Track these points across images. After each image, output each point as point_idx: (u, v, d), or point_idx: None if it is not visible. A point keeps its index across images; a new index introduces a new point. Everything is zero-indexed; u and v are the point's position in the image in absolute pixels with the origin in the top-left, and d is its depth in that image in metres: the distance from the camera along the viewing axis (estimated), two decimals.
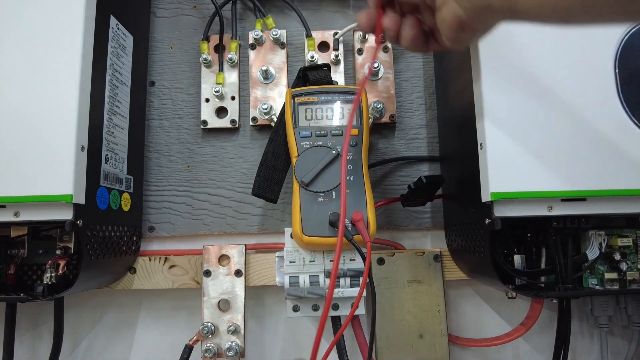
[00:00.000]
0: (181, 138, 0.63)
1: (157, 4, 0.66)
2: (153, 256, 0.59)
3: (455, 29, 0.33)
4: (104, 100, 0.50)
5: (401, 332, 0.55)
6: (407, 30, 0.38)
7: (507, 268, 0.48)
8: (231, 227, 0.61)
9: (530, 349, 0.61)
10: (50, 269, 0.48)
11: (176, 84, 0.64)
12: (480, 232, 0.46)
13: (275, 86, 0.62)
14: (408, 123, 0.63)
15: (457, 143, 0.54)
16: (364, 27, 0.41)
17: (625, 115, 0.43)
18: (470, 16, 0.32)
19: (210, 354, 0.54)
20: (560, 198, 0.43)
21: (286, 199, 0.60)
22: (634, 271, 0.47)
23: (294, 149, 0.49)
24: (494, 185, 0.42)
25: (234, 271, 0.57)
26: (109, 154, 0.51)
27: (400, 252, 0.58)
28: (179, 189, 0.62)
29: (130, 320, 0.62)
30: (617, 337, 0.60)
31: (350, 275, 0.49)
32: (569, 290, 0.46)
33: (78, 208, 0.44)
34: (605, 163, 0.42)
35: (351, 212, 0.45)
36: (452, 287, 0.61)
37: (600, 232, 0.47)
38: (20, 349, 0.61)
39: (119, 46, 0.53)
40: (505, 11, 0.29)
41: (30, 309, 0.61)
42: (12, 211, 0.44)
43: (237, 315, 0.56)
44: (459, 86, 0.51)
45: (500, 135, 0.43)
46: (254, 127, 0.63)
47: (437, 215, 0.61)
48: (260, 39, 0.62)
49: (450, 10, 0.33)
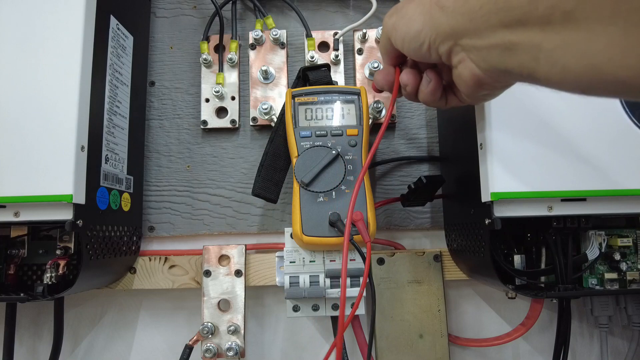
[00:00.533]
0: (181, 138, 0.63)
1: (157, 4, 0.66)
2: (153, 256, 0.59)
3: (472, 87, 0.32)
4: (104, 100, 0.50)
5: (401, 332, 0.55)
6: (425, 85, 0.37)
7: (507, 268, 0.48)
8: (231, 227, 0.61)
9: (530, 349, 0.61)
10: (50, 269, 0.48)
11: (176, 84, 0.64)
12: (480, 232, 0.46)
13: (275, 86, 0.62)
14: (408, 123, 0.63)
15: (457, 143, 0.54)
16: (382, 84, 0.41)
17: (625, 115, 0.43)
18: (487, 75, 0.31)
19: (210, 354, 0.54)
20: (560, 198, 0.43)
21: (286, 199, 0.60)
22: (634, 271, 0.47)
23: (294, 149, 0.49)
24: (494, 185, 0.42)
25: (234, 271, 0.57)
26: (109, 154, 0.51)
27: (400, 252, 0.58)
28: (179, 189, 0.62)
29: (130, 320, 0.62)
30: (617, 337, 0.60)
31: (350, 275, 0.49)
32: (569, 290, 0.46)
33: (78, 208, 0.44)
34: (605, 163, 0.42)
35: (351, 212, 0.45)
36: (452, 287, 0.61)
37: (600, 232, 0.47)
38: (20, 349, 0.61)
39: (119, 46, 0.53)
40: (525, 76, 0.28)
41: (30, 309, 0.61)
42: (12, 211, 0.44)
43: (237, 315, 0.56)
44: None
45: (500, 135, 0.43)
46: (254, 127, 0.63)
47: (437, 215, 0.61)
48: (260, 39, 0.62)
49: (468, 69, 0.31)
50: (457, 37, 0.30)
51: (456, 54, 0.31)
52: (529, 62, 0.27)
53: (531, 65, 0.27)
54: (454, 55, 0.32)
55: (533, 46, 0.26)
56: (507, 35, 0.27)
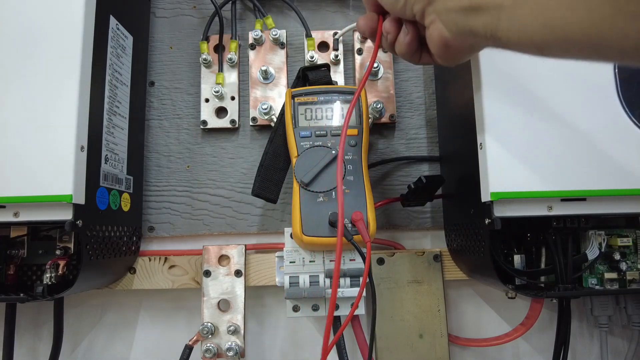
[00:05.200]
0: (181, 138, 0.63)
1: (157, 4, 0.66)
2: (153, 256, 0.59)
3: (441, 48, 0.35)
4: (104, 100, 0.50)
5: (401, 332, 0.55)
6: (403, 37, 0.39)
7: (507, 268, 0.48)
8: (231, 227, 0.61)
9: (530, 349, 0.61)
10: (50, 269, 0.48)
11: (176, 84, 0.64)
12: (480, 232, 0.46)
13: (275, 86, 0.62)
14: (408, 123, 0.63)
15: (457, 143, 0.54)
16: (364, 29, 0.42)
17: (625, 115, 0.43)
18: (455, 37, 0.33)
19: (210, 354, 0.54)
20: (560, 198, 0.43)
21: (286, 199, 0.60)
22: (634, 271, 0.47)
23: (293, 149, 0.49)
24: (493, 185, 0.42)
25: (233, 271, 0.57)
26: (109, 154, 0.51)
27: (400, 252, 0.57)
28: (178, 189, 0.62)
29: (130, 320, 0.62)
30: (617, 337, 0.60)
31: (350, 275, 0.49)
32: (569, 290, 0.46)
33: (78, 208, 0.44)
34: (605, 163, 0.42)
35: (351, 212, 0.45)
36: (452, 287, 0.61)
37: (600, 232, 0.47)
38: (20, 349, 0.61)
39: (118, 46, 0.53)
40: (488, 37, 0.30)
41: (30, 309, 0.61)
42: (12, 211, 0.44)
43: (237, 315, 0.56)
44: (458, 86, 0.51)
45: (500, 135, 0.43)
46: (254, 127, 0.63)
47: (437, 215, 0.61)
48: (260, 39, 0.62)
49: (437, 30, 0.34)
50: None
51: (428, 14, 0.34)
52: (492, 22, 0.29)
53: (494, 25, 0.29)
54: (427, 16, 0.34)
55: (495, 6, 0.29)
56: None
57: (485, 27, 0.30)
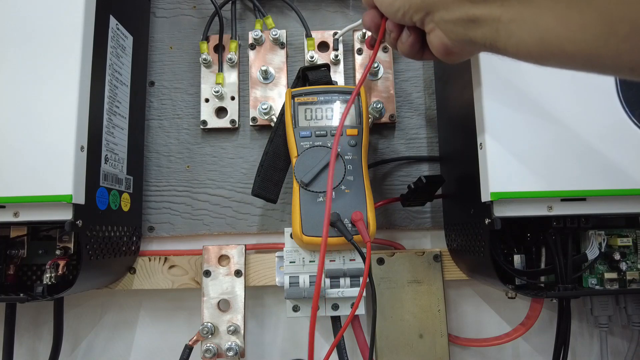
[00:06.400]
0: (181, 138, 0.63)
1: (157, 4, 0.66)
2: (153, 256, 0.59)
3: (442, 53, 0.36)
4: (104, 100, 0.50)
5: (401, 332, 0.55)
6: (405, 38, 0.40)
7: (507, 268, 0.48)
8: (231, 227, 0.61)
9: (530, 349, 0.61)
10: (50, 269, 0.48)
11: (176, 84, 0.64)
12: (480, 232, 0.46)
13: (275, 86, 0.62)
14: (408, 123, 0.63)
15: (457, 143, 0.54)
16: (369, 25, 0.43)
17: (625, 115, 0.43)
18: (455, 45, 0.34)
19: (210, 354, 0.54)
20: (560, 198, 0.43)
21: (286, 199, 0.60)
22: (634, 271, 0.47)
23: (293, 149, 0.49)
24: (493, 185, 0.42)
25: (233, 271, 0.57)
26: (109, 154, 0.51)
27: (400, 252, 0.57)
28: (178, 189, 0.62)
29: (130, 321, 0.62)
30: (617, 337, 0.60)
31: (350, 275, 0.49)
32: (569, 290, 0.46)
33: (78, 208, 0.44)
34: (605, 163, 0.42)
35: (351, 212, 0.45)
36: (452, 287, 0.61)
37: (600, 232, 0.47)
38: (20, 349, 0.61)
39: (118, 46, 0.53)
40: (487, 46, 0.31)
41: (30, 309, 0.61)
42: (12, 211, 0.44)
43: (237, 315, 0.56)
44: (458, 86, 0.51)
45: (500, 135, 0.43)
46: (254, 127, 0.63)
47: (437, 215, 0.61)
48: (260, 39, 0.62)
49: (437, 38, 0.35)
50: (428, 10, 0.34)
51: (427, 23, 0.35)
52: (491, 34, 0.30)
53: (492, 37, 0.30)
54: (426, 25, 0.35)
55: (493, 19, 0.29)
56: (472, 10, 0.30)
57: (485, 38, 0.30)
